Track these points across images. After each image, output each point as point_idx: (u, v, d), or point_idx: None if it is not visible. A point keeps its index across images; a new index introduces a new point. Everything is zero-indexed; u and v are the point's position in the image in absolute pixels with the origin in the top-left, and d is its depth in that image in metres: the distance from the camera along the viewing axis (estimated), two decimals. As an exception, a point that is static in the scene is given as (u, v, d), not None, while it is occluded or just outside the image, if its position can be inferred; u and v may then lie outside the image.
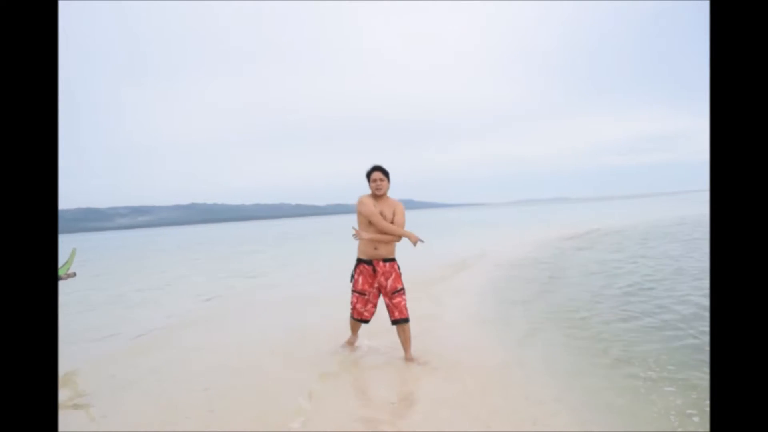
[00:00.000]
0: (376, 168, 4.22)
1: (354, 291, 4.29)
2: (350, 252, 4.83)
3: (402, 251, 4.34)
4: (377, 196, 4.22)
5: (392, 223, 4.19)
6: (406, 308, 4.23)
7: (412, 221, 4.80)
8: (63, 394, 3.86)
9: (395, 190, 4.36)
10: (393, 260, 4.27)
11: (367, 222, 4.17)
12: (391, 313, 4.23)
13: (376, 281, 4.22)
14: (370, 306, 4.29)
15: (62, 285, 5.22)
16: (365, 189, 4.29)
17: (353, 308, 4.32)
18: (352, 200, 4.35)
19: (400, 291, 4.23)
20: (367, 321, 4.34)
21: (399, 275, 4.25)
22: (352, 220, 4.42)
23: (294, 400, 3.47)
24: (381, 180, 4.19)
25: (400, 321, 4.20)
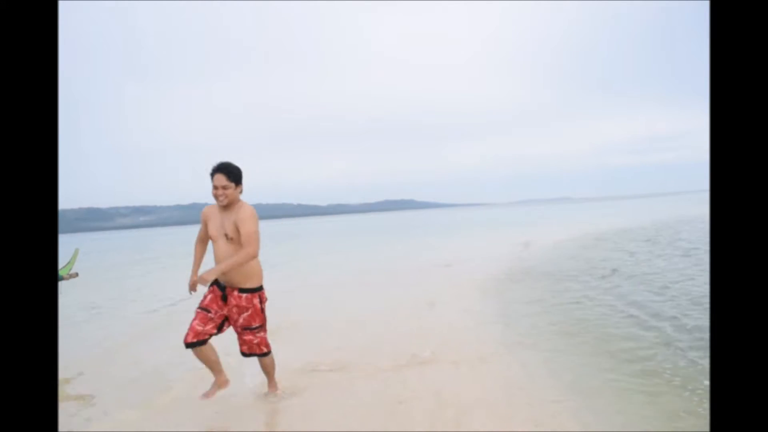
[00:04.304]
0: (218, 169, 3.17)
1: (198, 307, 3.31)
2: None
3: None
4: (222, 207, 3.22)
5: (232, 240, 3.16)
6: (261, 345, 3.35)
7: (409, 222, 4.74)
8: (63, 394, 3.86)
9: (397, 191, 4.08)
10: (253, 291, 3.27)
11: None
12: (240, 344, 3.39)
13: (226, 309, 3.29)
14: (211, 326, 3.25)
15: (65, 285, 5.23)
16: (365, 191, 4.10)
17: (189, 330, 3.21)
18: (353, 200, 4.09)
19: (256, 329, 3.32)
20: (203, 343, 3.25)
21: (259, 311, 3.29)
22: (352, 220, 4.35)
23: (298, 400, 3.47)
24: (224, 188, 3.14)
25: (251, 355, 3.40)
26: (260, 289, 3.32)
